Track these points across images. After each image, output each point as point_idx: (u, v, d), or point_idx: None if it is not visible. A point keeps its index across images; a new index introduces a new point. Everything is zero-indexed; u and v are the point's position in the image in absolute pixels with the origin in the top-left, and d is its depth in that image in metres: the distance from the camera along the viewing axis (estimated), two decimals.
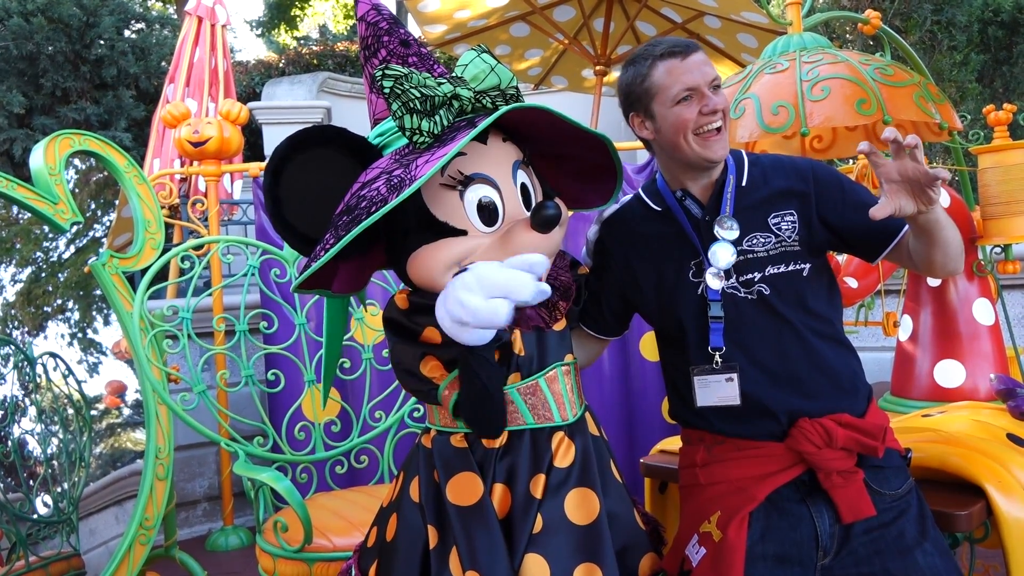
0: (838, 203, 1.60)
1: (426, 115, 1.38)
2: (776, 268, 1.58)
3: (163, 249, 3.07)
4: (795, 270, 1.58)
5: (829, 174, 1.65)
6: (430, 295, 1.43)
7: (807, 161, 1.67)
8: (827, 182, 1.62)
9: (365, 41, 1.53)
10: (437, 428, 1.60)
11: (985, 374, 2.39)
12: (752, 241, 1.59)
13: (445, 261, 1.43)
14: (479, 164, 1.46)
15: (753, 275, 1.58)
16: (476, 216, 1.45)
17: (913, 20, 6.53)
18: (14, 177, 2.71)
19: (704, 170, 1.63)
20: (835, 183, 1.63)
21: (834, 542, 1.53)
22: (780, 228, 1.60)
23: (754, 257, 1.59)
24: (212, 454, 4.46)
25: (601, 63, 5.61)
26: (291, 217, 1.49)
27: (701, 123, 1.56)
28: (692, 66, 1.56)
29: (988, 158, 2.51)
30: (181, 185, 4.91)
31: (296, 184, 1.48)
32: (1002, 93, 6.93)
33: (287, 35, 16.94)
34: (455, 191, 1.44)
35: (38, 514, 3.09)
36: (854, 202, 1.60)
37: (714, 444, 1.63)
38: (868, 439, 1.52)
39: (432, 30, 5.82)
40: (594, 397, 4.00)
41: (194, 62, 5.84)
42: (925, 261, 1.57)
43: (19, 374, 3.18)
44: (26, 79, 7.89)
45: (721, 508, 1.56)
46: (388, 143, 1.51)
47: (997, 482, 1.78)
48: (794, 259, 1.58)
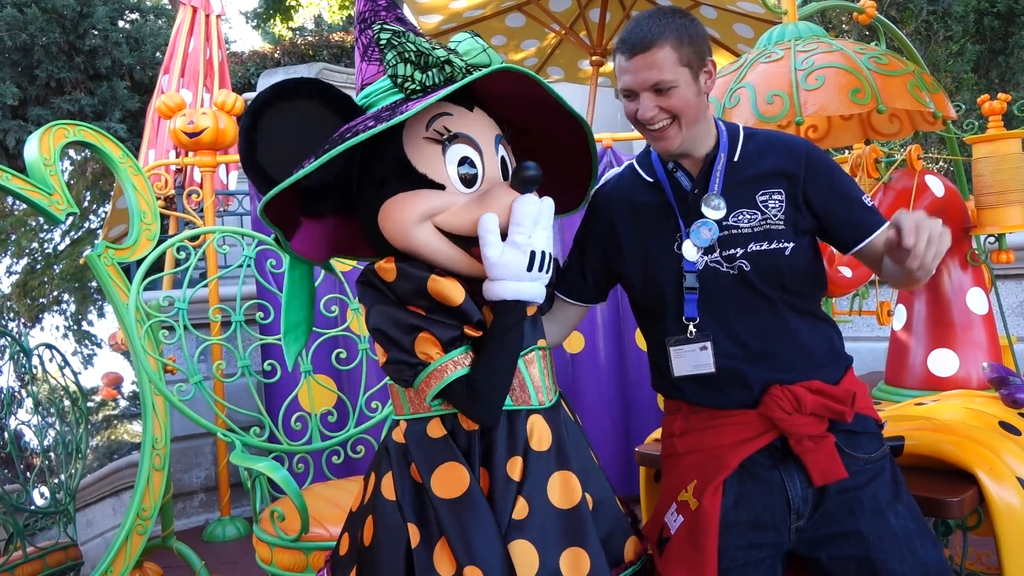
0: (824, 189, 1.61)
1: (419, 68, 1.41)
2: (759, 245, 1.58)
3: (159, 240, 3.06)
4: (777, 248, 1.58)
5: (822, 159, 1.64)
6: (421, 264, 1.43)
7: (803, 142, 1.67)
8: (818, 166, 1.62)
9: (362, 15, 1.53)
10: (408, 418, 1.53)
11: (978, 363, 2.40)
12: (738, 217, 1.59)
13: (419, 210, 1.42)
14: (464, 126, 1.46)
15: (735, 251, 1.59)
16: (455, 174, 1.44)
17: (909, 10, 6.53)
18: (8, 168, 2.70)
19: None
20: (826, 169, 1.63)
21: (808, 505, 1.56)
22: (767, 206, 1.60)
23: (738, 233, 1.59)
24: (209, 444, 4.47)
25: (597, 53, 5.60)
26: (262, 160, 1.47)
27: (642, 121, 1.57)
28: (633, 68, 1.53)
29: (982, 148, 2.52)
30: (176, 176, 4.89)
31: (273, 129, 1.47)
32: (997, 83, 6.93)
33: (282, 26, 16.86)
34: (438, 146, 1.44)
35: (35, 505, 3.10)
36: (840, 192, 1.61)
37: (691, 413, 1.66)
38: (836, 404, 1.55)
39: (428, 20, 5.80)
40: (591, 387, 4.02)
41: (189, 52, 5.82)
42: (890, 276, 1.59)
43: (15, 365, 3.18)
44: (20, 70, 7.86)
45: (697, 477, 1.60)
46: (373, 103, 1.49)
47: (989, 469, 1.79)
48: (777, 237, 1.58)
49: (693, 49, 1.53)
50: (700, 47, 1.55)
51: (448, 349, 1.42)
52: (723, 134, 1.65)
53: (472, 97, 1.52)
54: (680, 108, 1.54)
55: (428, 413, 1.50)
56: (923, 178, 2.43)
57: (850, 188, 1.63)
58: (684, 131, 1.58)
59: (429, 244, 1.44)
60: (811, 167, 1.61)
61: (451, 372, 1.42)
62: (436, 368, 1.42)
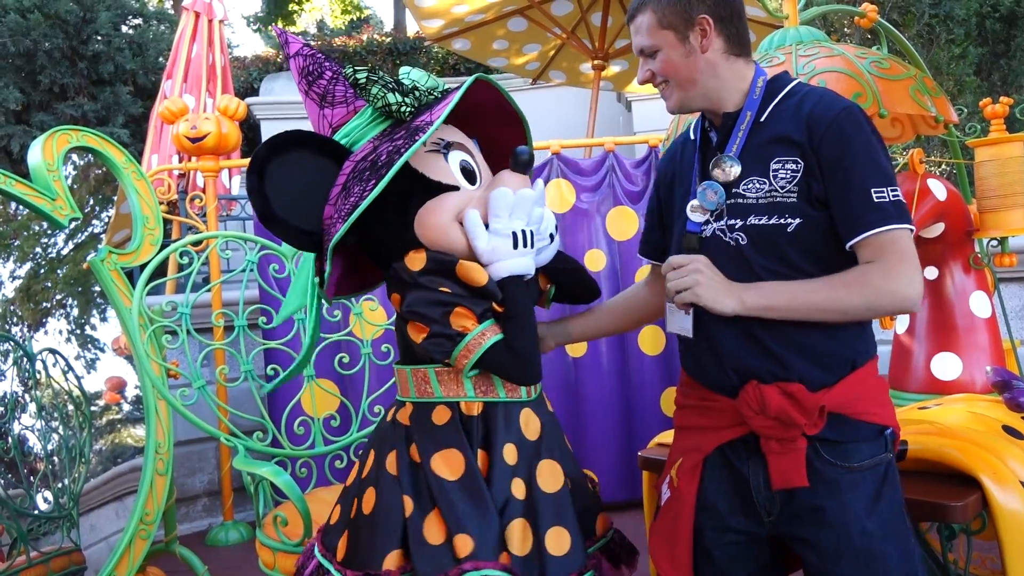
0: (830, 167, 1.46)
1: (403, 94, 1.62)
2: (759, 219, 1.50)
3: (162, 245, 3.07)
4: (778, 224, 1.48)
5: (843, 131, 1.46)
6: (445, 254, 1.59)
7: (843, 108, 1.48)
8: (832, 138, 1.46)
9: (306, 69, 1.69)
10: (414, 401, 1.68)
11: (981, 366, 2.39)
12: (748, 184, 1.52)
13: (451, 209, 1.60)
14: (451, 136, 1.69)
15: (736, 221, 1.53)
16: (460, 175, 1.65)
17: (911, 13, 6.52)
18: (12, 173, 2.71)
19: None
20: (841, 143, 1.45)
21: (775, 503, 1.53)
22: (777, 175, 1.50)
23: (744, 203, 1.52)
24: (212, 449, 4.47)
25: (599, 57, 5.61)
26: (281, 212, 1.61)
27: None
28: (632, 31, 1.61)
29: (985, 151, 2.52)
30: (179, 181, 4.91)
31: (280, 182, 1.61)
32: (1000, 86, 6.93)
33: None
34: (440, 155, 1.64)
35: (39, 510, 3.10)
36: (845, 176, 1.45)
37: (689, 389, 1.68)
38: (799, 415, 1.45)
39: (430, 25, 5.82)
40: (593, 391, 4.01)
41: (191, 58, 5.83)
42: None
43: (19, 370, 3.19)
44: (23, 75, 7.89)
45: (683, 455, 1.64)
46: (356, 139, 1.67)
47: (993, 474, 1.79)
48: (783, 211, 1.48)
49: (675, 10, 1.53)
50: (684, 7, 1.53)
51: (481, 320, 1.58)
52: (754, 90, 1.57)
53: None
54: (665, 70, 1.57)
55: (433, 399, 1.65)
56: (926, 182, 2.43)
57: (860, 174, 1.44)
58: (679, 91, 1.58)
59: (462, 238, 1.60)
60: (826, 137, 1.46)
61: (488, 338, 1.57)
62: (474, 337, 1.56)
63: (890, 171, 1.46)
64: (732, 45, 1.57)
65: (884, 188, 1.43)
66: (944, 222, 2.48)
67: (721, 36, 1.55)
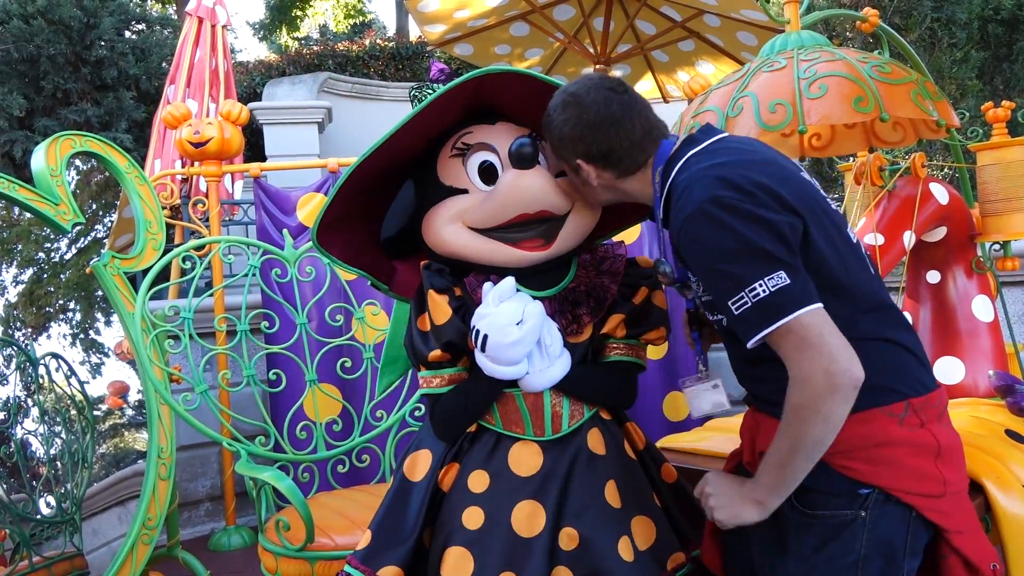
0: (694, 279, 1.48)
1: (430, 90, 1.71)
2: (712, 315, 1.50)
3: (164, 250, 3.08)
4: (717, 319, 1.49)
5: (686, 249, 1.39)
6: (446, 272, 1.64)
7: (682, 216, 1.37)
8: (685, 256, 1.42)
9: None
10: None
11: (984, 371, 2.39)
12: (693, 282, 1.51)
13: (444, 215, 1.60)
14: (482, 137, 1.65)
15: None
16: (477, 176, 1.63)
17: (913, 17, 6.53)
18: (15, 178, 2.72)
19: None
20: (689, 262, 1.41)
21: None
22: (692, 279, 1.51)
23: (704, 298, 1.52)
24: (214, 454, 4.47)
25: (601, 62, 5.61)
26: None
27: None
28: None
29: (987, 155, 2.52)
30: (182, 186, 4.91)
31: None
32: (1002, 90, 6.93)
33: (287, 36, 16.95)
34: (459, 158, 1.64)
35: (41, 514, 3.10)
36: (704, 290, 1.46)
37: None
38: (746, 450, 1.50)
39: (432, 30, 5.82)
40: None
41: (195, 63, 5.84)
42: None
43: (22, 375, 3.19)
44: (27, 81, 7.91)
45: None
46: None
47: (995, 478, 1.79)
48: (713, 309, 1.48)
49: (556, 152, 1.58)
50: (561, 154, 1.56)
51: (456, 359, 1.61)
52: (656, 188, 1.50)
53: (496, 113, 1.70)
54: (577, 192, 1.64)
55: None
56: (927, 186, 2.43)
57: (713, 291, 1.37)
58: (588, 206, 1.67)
59: (459, 240, 1.60)
60: (679, 251, 1.43)
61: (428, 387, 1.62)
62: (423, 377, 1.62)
63: (740, 271, 1.30)
64: (623, 171, 1.53)
65: (740, 293, 1.29)
66: (946, 226, 2.47)
67: (607, 170, 1.53)
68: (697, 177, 1.39)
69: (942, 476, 1.39)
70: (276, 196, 4.08)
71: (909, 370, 1.44)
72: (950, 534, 1.39)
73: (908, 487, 1.37)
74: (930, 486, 1.38)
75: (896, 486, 1.36)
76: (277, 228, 3.88)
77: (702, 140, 1.48)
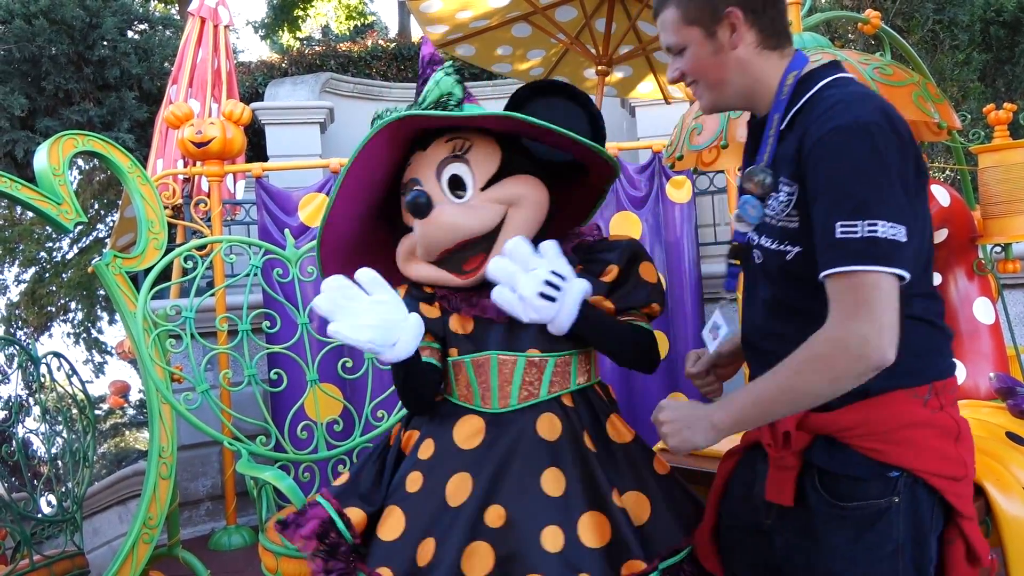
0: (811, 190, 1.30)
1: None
2: (768, 241, 1.39)
3: (166, 249, 3.08)
4: (780, 250, 1.37)
5: (828, 151, 1.27)
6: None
7: (834, 123, 1.28)
8: (816, 158, 1.28)
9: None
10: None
11: (985, 373, 2.39)
12: (771, 200, 1.38)
13: (402, 253, 1.75)
14: (415, 170, 1.72)
15: (755, 237, 1.43)
16: (410, 215, 1.71)
17: (915, 19, 6.53)
18: (18, 178, 2.72)
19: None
20: (821, 165, 1.28)
21: (771, 511, 1.45)
22: (779, 196, 1.36)
23: (766, 221, 1.40)
24: (215, 453, 4.47)
25: (603, 63, 5.61)
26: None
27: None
28: (658, 27, 1.49)
29: (988, 157, 2.52)
30: (184, 185, 4.91)
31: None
32: (1004, 92, 6.93)
33: (290, 36, 16.96)
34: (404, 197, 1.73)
35: (42, 513, 3.11)
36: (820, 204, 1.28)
37: None
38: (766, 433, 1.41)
39: (434, 31, 5.83)
40: None
41: (197, 63, 5.85)
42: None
43: (24, 374, 3.20)
44: (29, 81, 7.92)
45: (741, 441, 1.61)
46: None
47: (996, 480, 1.79)
48: (785, 237, 1.36)
49: (699, 4, 1.40)
50: (711, 1, 1.39)
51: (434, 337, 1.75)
52: (782, 89, 1.40)
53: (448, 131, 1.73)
54: (693, 70, 1.44)
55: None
56: (929, 188, 2.43)
57: (827, 203, 1.26)
58: (709, 93, 1.46)
59: (419, 274, 1.74)
60: (809, 158, 1.29)
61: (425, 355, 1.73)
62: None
63: (878, 202, 1.23)
64: (766, 38, 1.41)
65: (856, 222, 1.22)
66: (948, 228, 2.47)
67: (753, 29, 1.40)
68: (858, 98, 1.31)
69: (963, 459, 1.38)
70: (278, 196, 4.08)
71: (942, 354, 1.43)
72: (962, 519, 1.37)
73: (935, 469, 1.34)
74: (953, 468, 1.36)
75: (924, 468, 1.33)
76: (279, 228, 3.89)
77: (848, 74, 1.43)
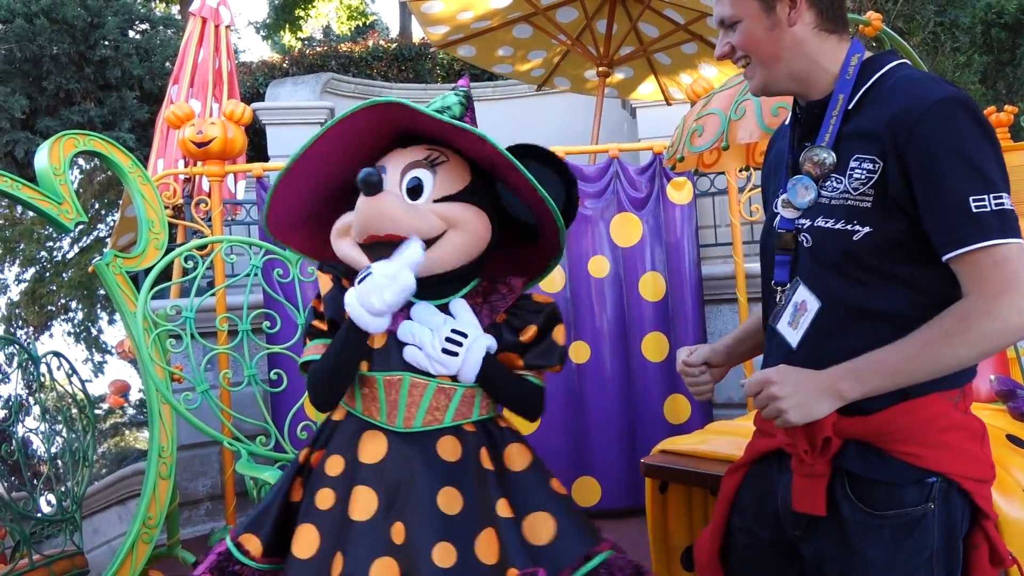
0: (920, 169, 1.25)
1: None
2: (826, 221, 1.35)
3: (167, 249, 3.08)
4: (844, 230, 1.32)
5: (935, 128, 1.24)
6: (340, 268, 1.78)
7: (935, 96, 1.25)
8: (924, 136, 1.24)
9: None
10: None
11: (985, 375, 2.39)
12: (829, 181, 1.36)
13: (337, 228, 1.75)
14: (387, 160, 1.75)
15: (806, 220, 1.39)
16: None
17: (916, 21, 6.53)
18: (19, 177, 2.72)
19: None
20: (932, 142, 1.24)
21: (800, 521, 1.42)
22: (852, 175, 1.32)
23: (820, 201, 1.37)
24: (215, 453, 4.47)
25: (604, 64, 5.62)
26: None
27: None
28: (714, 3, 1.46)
29: None
30: (185, 185, 4.91)
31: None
32: (1005, 95, 6.93)
33: (291, 36, 16.98)
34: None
35: (42, 513, 3.11)
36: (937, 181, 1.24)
37: None
38: (801, 439, 1.34)
39: (435, 31, 5.84)
40: (596, 398, 4.01)
41: (198, 63, 5.85)
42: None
43: (24, 373, 3.20)
44: (30, 81, 7.92)
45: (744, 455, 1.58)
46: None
47: (997, 483, 1.77)
48: (853, 217, 1.31)
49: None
50: None
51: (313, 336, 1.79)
52: (846, 70, 1.38)
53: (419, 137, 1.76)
54: (746, 44, 1.40)
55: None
56: None
57: (954, 179, 1.23)
58: (762, 70, 1.42)
59: (343, 252, 1.74)
60: (914, 135, 1.25)
61: (306, 356, 1.76)
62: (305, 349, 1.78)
63: (996, 175, 1.24)
64: (825, 20, 1.38)
65: (985, 196, 1.21)
66: None
67: (813, 9, 1.37)
68: (937, 78, 1.31)
69: (989, 460, 1.38)
70: None
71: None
72: (988, 522, 1.36)
73: (968, 472, 1.34)
74: (983, 470, 1.36)
75: (958, 471, 1.33)
76: None
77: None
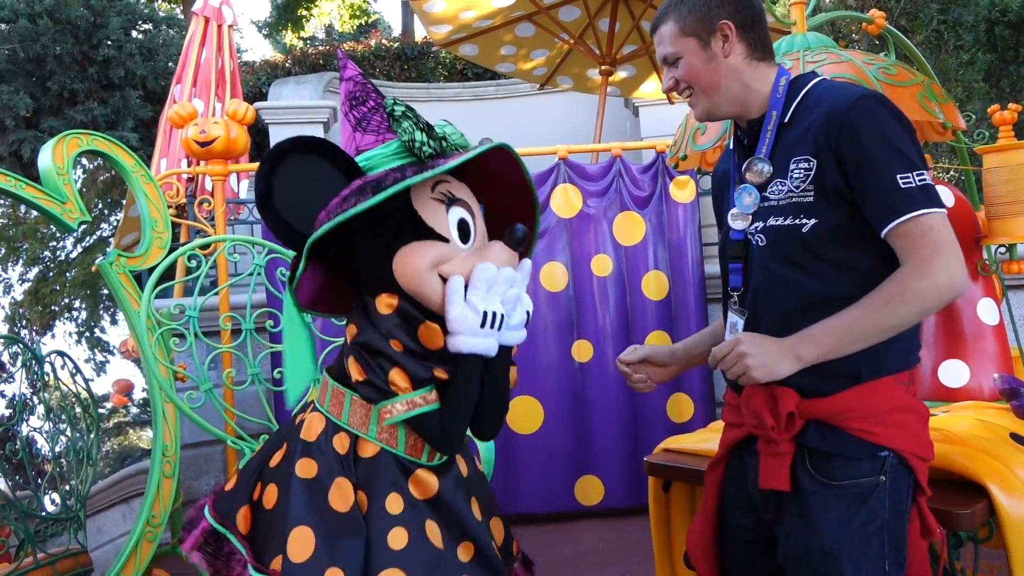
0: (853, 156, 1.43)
1: (429, 136, 1.62)
2: (776, 220, 1.51)
3: (170, 248, 3.08)
4: (793, 225, 1.48)
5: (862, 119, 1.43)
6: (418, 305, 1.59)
7: (860, 96, 1.45)
8: (853, 127, 1.43)
9: (353, 94, 1.73)
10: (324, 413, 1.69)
11: (989, 374, 2.38)
12: (773, 187, 1.52)
13: (431, 257, 1.60)
14: (460, 193, 1.68)
15: (759, 223, 1.54)
16: (455, 231, 1.64)
17: (920, 19, 6.52)
18: (22, 177, 2.73)
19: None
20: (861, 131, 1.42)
21: (769, 504, 1.56)
22: (793, 175, 1.49)
23: (767, 205, 1.53)
24: (219, 452, 4.48)
25: (606, 63, 5.62)
26: (279, 204, 1.63)
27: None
28: (656, 41, 1.63)
29: (993, 158, 2.51)
30: (188, 185, 4.92)
31: (289, 177, 1.64)
32: (1009, 93, 6.92)
33: (293, 35, 16.99)
34: (443, 206, 1.64)
35: (46, 511, 3.11)
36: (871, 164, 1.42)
37: (727, 388, 1.70)
38: (768, 417, 1.47)
39: (438, 30, 5.84)
40: (599, 396, 4.01)
41: (201, 62, 5.86)
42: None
43: (27, 372, 3.20)
44: (33, 80, 7.94)
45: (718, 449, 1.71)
46: (374, 166, 1.67)
47: (1000, 481, 1.78)
48: (800, 212, 1.48)
49: (696, 17, 1.55)
50: (705, 14, 1.54)
51: (416, 386, 1.60)
52: (777, 90, 1.57)
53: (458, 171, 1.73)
54: (688, 77, 1.58)
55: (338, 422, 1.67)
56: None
57: (880, 162, 1.41)
58: (704, 98, 1.59)
59: (436, 290, 1.60)
60: (843, 131, 1.43)
61: (421, 406, 1.60)
62: (408, 399, 1.60)
63: (915, 155, 1.42)
64: (754, 50, 1.57)
65: (909, 173, 1.40)
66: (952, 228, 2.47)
67: (743, 41, 1.56)
68: (848, 85, 1.54)
69: (931, 442, 1.54)
70: None
71: (916, 343, 1.56)
72: (922, 497, 1.52)
73: (915, 450, 1.49)
74: (926, 450, 1.52)
75: (907, 449, 1.47)
76: None
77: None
